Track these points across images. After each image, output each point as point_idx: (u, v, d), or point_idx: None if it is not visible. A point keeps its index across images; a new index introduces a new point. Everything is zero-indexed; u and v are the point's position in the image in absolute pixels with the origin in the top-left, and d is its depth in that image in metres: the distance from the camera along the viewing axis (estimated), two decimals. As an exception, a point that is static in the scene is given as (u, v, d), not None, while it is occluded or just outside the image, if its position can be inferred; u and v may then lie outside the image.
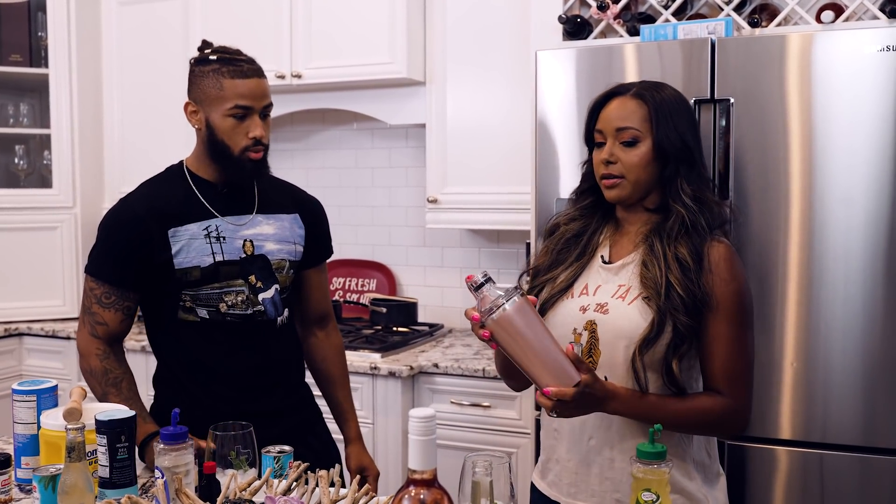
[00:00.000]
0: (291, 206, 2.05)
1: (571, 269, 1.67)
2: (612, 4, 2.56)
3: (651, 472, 1.27)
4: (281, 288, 1.97)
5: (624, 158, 1.59)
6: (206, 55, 1.89)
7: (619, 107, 1.61)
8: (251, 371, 1.93)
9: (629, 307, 1.58)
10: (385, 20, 3.14)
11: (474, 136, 3.13)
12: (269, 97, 1.92)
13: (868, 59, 2.11)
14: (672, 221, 1.58)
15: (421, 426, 1.00)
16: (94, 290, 1.89)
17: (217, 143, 1.86)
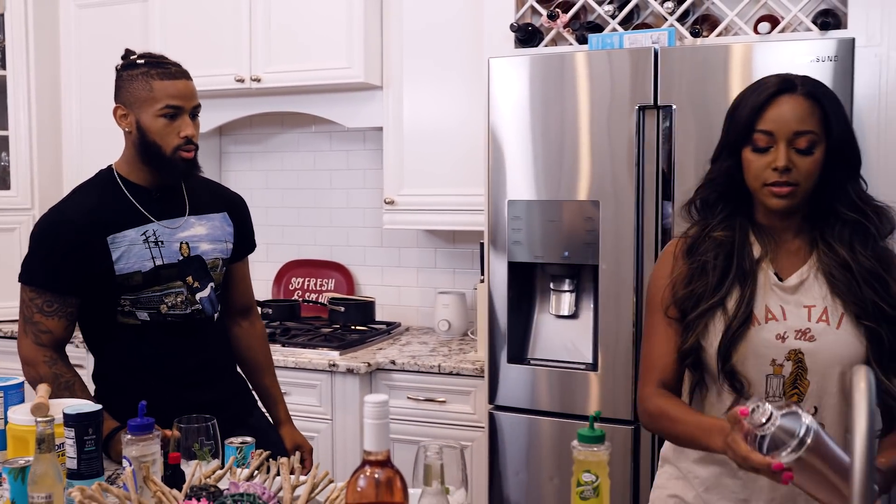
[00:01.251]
0: (219, 204, 2.10)
1: (738, 290, 1.50)
2: (561, 14, 2.66)
3: (591, 454, 1.37)
4: (216, 285, 2.05)
5: (801, 165, 1.44)
6: (133, 60, 1.94)
7: (794, 107, 1.45)
8: (192, 367, 2.00)
9: (839, 331, 1.47)
10: (343, 26, 3.21)
11: (430, 140, 3.22)
12: (197, 98, 1.97)
13: (803, 69, 2.21)
14: (841, 229, 1.49)
15: (375, 410, 1.08)
16: (35, 300, 1.89)
17: (149, 144, 1.90)
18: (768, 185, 1.46)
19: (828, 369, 1.47)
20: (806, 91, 1.46)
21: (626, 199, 2.38)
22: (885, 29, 2.35)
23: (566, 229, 2.46)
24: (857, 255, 1.47)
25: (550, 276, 2.59)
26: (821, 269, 1.49)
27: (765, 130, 1.45)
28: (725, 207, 1.55)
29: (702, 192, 1.58)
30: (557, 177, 2.46)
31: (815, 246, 1.51)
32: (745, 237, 1.53)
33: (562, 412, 2.50)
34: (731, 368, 1.48)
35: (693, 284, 1.53)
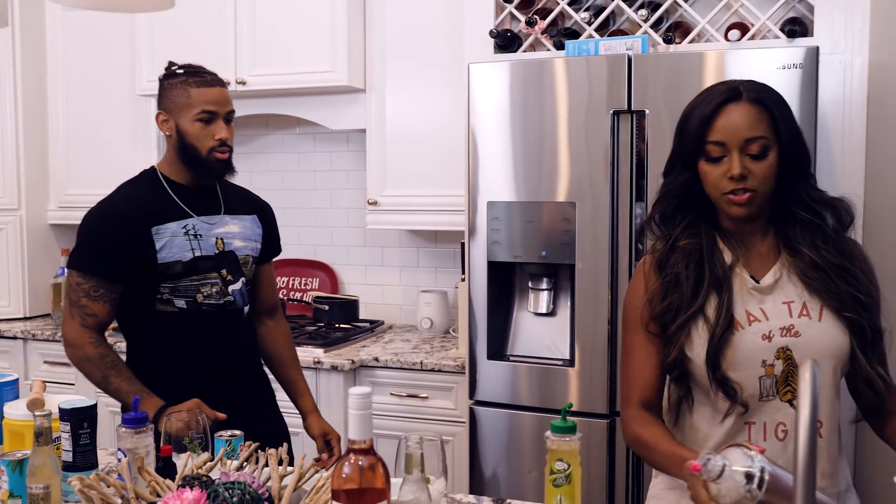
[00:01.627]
0: (250, 207, 2.29)
1: (715, 297, 1.52)
2: (539, 20, 2.75)
3: (564, 444, 1.45)
4: (246, 280, 2.20)
5: (756, 171, 1.46)
6: (173, 70, 2.13)
7: (742, 115, 1.47)
8: (222, 356, 2.15)
9: (822, 324, 1.49)
10: (326, 30, 3.28)
11: (412, 142, 3.29)
12: (232, 104, 2.16)
13: (770, 76, 2.31)
14: (801, 229, 1.52)
15: (358, 402, 1.16)
16: (82, 285, 2.03)
17: (187, 146, 2.08)
18: (726, 193, 1.48)
19: (819, 363, 1.49)
20: (752, 97, 1.48)
21: (601, 201, 2.47)
22: (849, 37, 2.44)
23: (544, 230, 2.54)
24: (821, 252, 1.50)
25: (529, 275, 2.67)
26: (793, 269, 1.52)
27: (716, 141, 1.48)
28: (685, 217, 1.56)
29: (659, 205, 1.59)
30: (535, 179, 2.54)
31: (782, 247, 1.55)
32: (712, 244, 1.55)
33: (540, 407, 2.58)
34: (721, 376, 1.49)
35: (669, 297, 1.53)
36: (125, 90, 3.72)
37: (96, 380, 2.04)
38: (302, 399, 2.35)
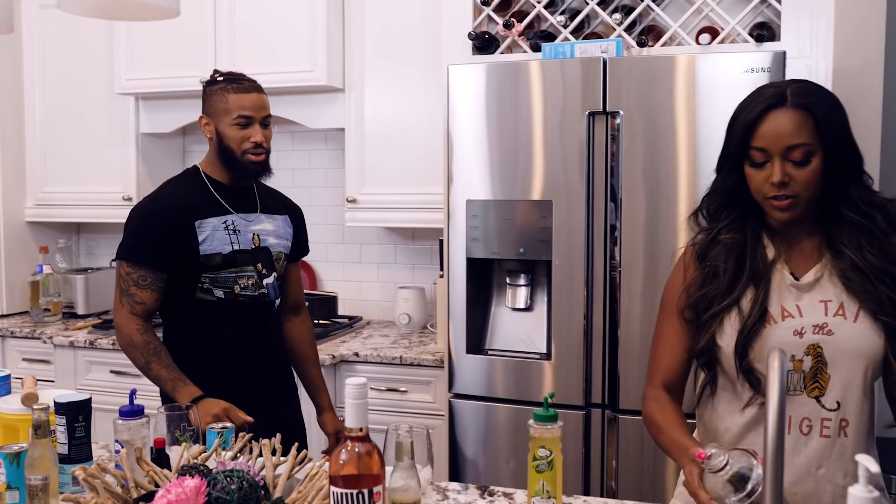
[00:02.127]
0: (283, 208, 2.45)
1: (752, 290, 1.55)
2: (516, 23, 2.81)
3: (546, 431, 1.52)
4: (278, 276, 2.35)
5: (798, 177, 1.48)
6: (214, 78, 2.30)
7: (785, 122, 1.47)
8: (256, 344, 2.30)
9: (856, 325, 1.51)
10: (306, 30, 3.32)
11: (391, 141, 3.35)
12: (269, 109, 2.30)
13: (739, 79, 2.40)
14: (849, 230, 1.52)
15: (355, 392, 1.22)
16: (132, 275, 2.19)
17: (225, 148, 2.24)
18: (768, 198, 1.50)
19: (849, 363, 1.50)
20: (796, 103, 1.47)
21: (577, 199, 2.54)
22: (815, 42, 2.54)
23: (521, 227, 2.62)
24: (866, 254, 1.50)
25: (507, 271, 2.74)
26: (834, 270, 1.53)
27: (759, 147, 1.49)
28: (731, 213, 1.59)
29: (708, 200, 1.63)
30: (513, 177, 2.62)
31: (826, 247, 1.55)
32: (757, 239, 1.58)
33: (518, 399, 2.65)
34: (748, 366, 1.53)
35: (705, 288, 1.58)
36: (103, 88, 3.74)
37: (140, 364, 2.19)
38: (320, 396, 2.50)
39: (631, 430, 2.53)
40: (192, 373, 2.16)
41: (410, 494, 1.42)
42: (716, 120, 2.42)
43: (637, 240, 2.50)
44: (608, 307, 2.55)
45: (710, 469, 1.31)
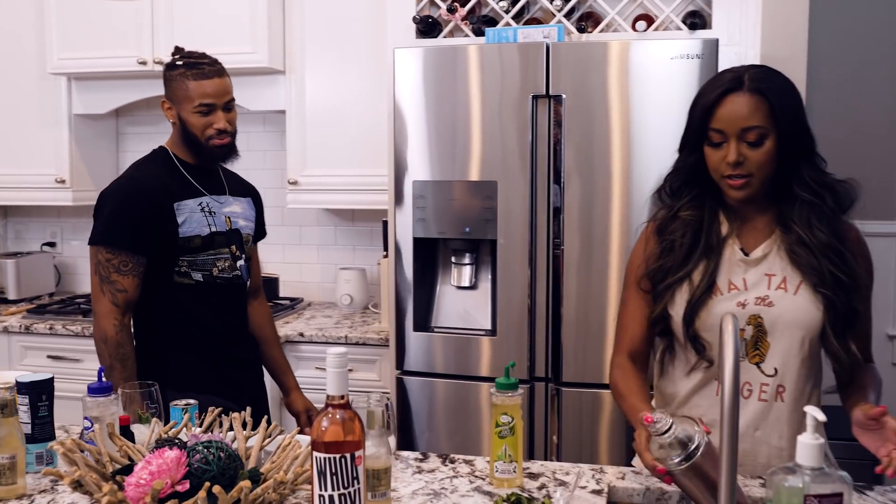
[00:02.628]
0: (246, 191, 2.45)
1: (704, 264, 1.65)
2: (459, 8, 2.87)
3: (508, 399, 1.59)
4: (247, 257, 2.37)
5: (752, 157, 1.56)
6: (174, 61, 2.24)
7: (741, 105, 1.56)
8: (232, 326, 2.33)
9: (796, 297, 1.60)
10: (247, 11, 3.31)
11: (332, 122, 3.37)
12: (231, 92, 2.26)
13: (671, 64, 2.52)
14: (799, 207, 1.60)
15: (336, 360, 1.26)
16: (112, 260, 2.13)
17: (188, 134, 2.22)
18: (724, 177, 1.59)
19: (787, 332, 1.61)
20: (752, 87, 1.56)
21: (521, 180, 2.62)
22: (744, 30, 2.67)
23: (466, 207, 2.69)
24: (814, 230, 1.58)
25: (452, 251, 2.81)
26: (783, 245, 1.62)
27: (716, 129, 1.58)
28: (692, 191, 1.68)
29: (670, 179, 1.71)
30: (458, 159, 2.68)
31: (777, 224, 1.64)
32: (713, 216, 1.67)
33: (464, 374, 2.73)
34: (693, 333, 1.63)
35: (662, 260, 1.68)
36: (33, 68, 3.65)
37: (103, 363, 2.13)
38: (285, 377, 2.50)
39: (573, 402, 2.64)
40: (174, 357, 2.19)
41: (382, 461, 1.47)
42: (649, 104, 2.53)
43: (578, 219, 2.59)
44: (551, 284, 2.64)
45: (654, 433, 1.39)
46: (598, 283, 2.60)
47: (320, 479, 1.25)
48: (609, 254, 2.59)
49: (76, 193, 3.72)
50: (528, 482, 1.63)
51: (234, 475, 1.37)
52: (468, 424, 2.75)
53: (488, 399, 2.65)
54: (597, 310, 2.60)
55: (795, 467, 1.14)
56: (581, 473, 1.66)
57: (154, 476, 1.29)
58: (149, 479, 1.28)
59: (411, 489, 1.60)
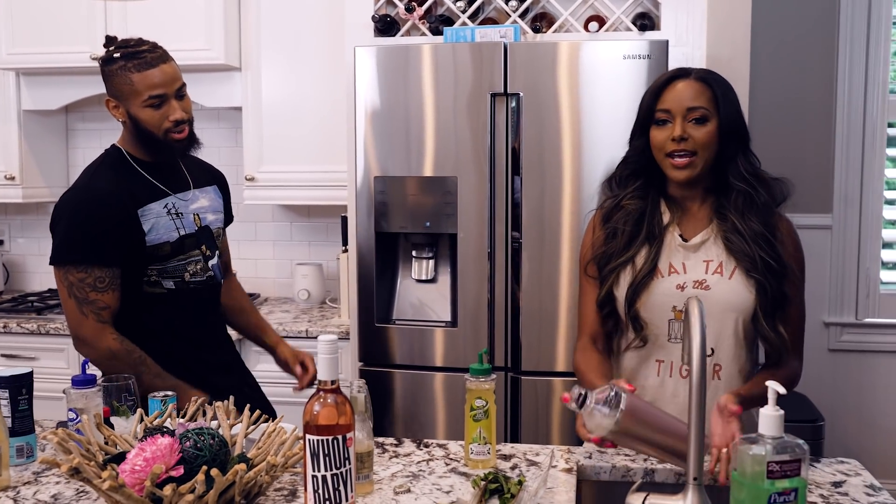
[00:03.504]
0: (210, 178, 2.28)
1: (646, 249, 1.76)
2: (417, 7, 2.94)
3: (482, 384, 1.67)
4: (220, 253, 2.24)
5: (695, 135, 1.68)
6: (110, 53, 2.00)
7: (687, 88, 1.70)
8: (207, 329, 2.21)
9: (731, 281, 1.71)
10: (202, 7, 3.32)
11: (289, 119, 3.41)
12: (180, 77, 2.04)
13: (621, 64, 2.62)
14: (735, 198, 1.71)
15: (327, 347, 1.33)
16: (86, 280, 1.94)
17: (143, 131, 2.01)
18: (669, 154, 1.71)
19: (722, 314, 1.72)
20: (698, 76, 1.72)
21: (480, 175, 2.70)
22: (691, 31, 2.79)
23: (427, 202, 2.75)
24: (748, 220, 1.70)
25: (412, 245, 2.87)
26: (719, 233, 1.74)
27: (663, 109, 1.71)
28: (637, 181, 1.79)
29: (619, 169, 1.83)
30: (419, 155, 2.75)
31: (715, 214, 1.76)
32: (655, 206, 1.79)
33: (426, 365, 2.80)
34: (634, 314, 1.75)
35: (606, 245, 1.80)
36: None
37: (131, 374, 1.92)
38: (266, 335, 2.42)
39: (531, 390, 2.73)
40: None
41: (364, 445, 1.54)
42: (601, 102, 2.64)
43: (536, 213, 2.69)
44: (509, 277, 2.73)
45: (574, 408, 1.43)
46: (552, 274, 2.69)
47: (313, 461, 1.30)
48: (561, 246, 2.68)
49: (26, 190, 3.69)
50: (501, 463, 1.71)
51: (224, 460, 1.42)
52: (428, 414, 2.82)
53: (448, 390, 2.75)
54: (551, 300, 2.70)
55: (758, 437, 1.24)
56: (553, 454, 1.74)
57: (149, 462, 1.33)
58: (144, 466, 1.33)
59: (390, 472, 1.66)
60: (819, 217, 3.61)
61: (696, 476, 1.27)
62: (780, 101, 3.59)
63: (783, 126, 3.60)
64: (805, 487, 1.25)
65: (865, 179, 3.59)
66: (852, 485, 1.61)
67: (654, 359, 1.80)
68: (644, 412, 1.45)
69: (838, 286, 3.62)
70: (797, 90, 3.60)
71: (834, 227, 3.61)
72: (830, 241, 3.61)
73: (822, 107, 3.60)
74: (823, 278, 3.62)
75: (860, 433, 3.62)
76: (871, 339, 3.62)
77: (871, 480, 1.64)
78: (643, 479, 1.68)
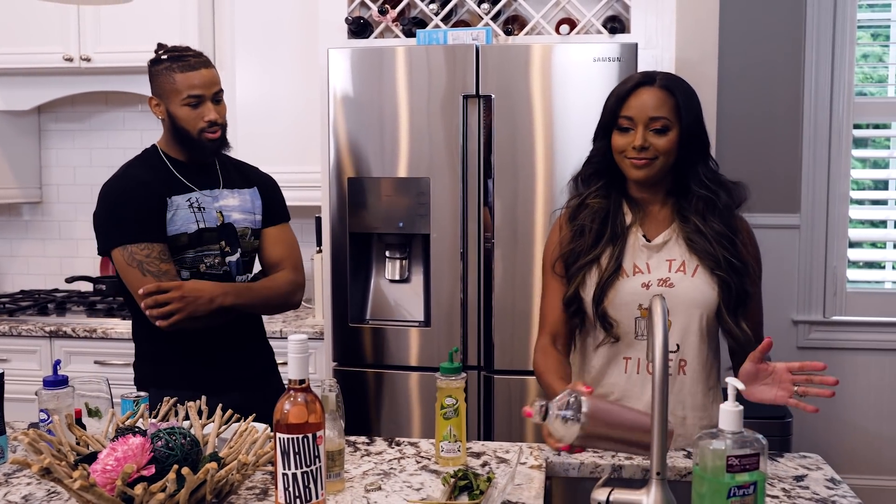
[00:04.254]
0: (250, 182, 2.37)
1: (610, 249, 1.79)
2: (390, 9, 2.96)
3: (452, 382, 1.70)
4: (244, 252, 2.29)
5: (656, 144, 1.72)
6: (158, 56, 2.20)
7: (650, 97, 1.72)
8: (227, 324, 2.20)
9: (694, 279, 1.76)
10: (176, 7, 3.32)
11: (263, 120, 3.41)
12: (219, 83, 2.22)
13: (592, 67, 2.66)
14: (696, 202, 1.76)
15: (297, 346, 1.35)
16: (152, 254, 2.09)
17: (179, 129, 2.17)
18: (629, 157, 1.74)
19: (686, 311, 1.76)
20: (662, 84, 1.74)
21: (452, 176, 2.73)
22: (660, 34, 2.83)
23: (400, 203, 2.78)
24: (709, 221, 1.76)
25: (385, 245, 2.89)
26: (681, 234, 1.79)
27: (627, 116, 1.74)
28: (601, 180, 1.83)
29: (583, 168, 1.86)
30: (392, 157, 2.77)
31: (676, 216, 1.81)
32: (618, 206, 1.82)
33: (399, 365, 2.82)
34: (602, 312, 1.78)
35: (573, 243, 1.83)
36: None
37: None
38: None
39: (504, 389, 2.76)
40: (168, 359, 2.17)
41: (335, 443, 1.56)
42: (571, 104, 2.67)
43: (508, 214, 2.72)
44: (482, 276, 2.76)
45: (538, 421, 1.44)
46: (524, 274, 2.72)
47: (283, 459, 1.32)
48: (533, 246, 2.71)
49: (-2, 191, 3.67)
50: (472, 460, 1.74)
51: (196, 459, 1.44)
52: (403, 414, 2.84)
53: (422, 389, 2.77)
54: (523, 300, 2.73)
55: (718, 432, 1.27)
56: (521, 450, 1.77)
57: (120, 462, 1.34)
58: (115, 465, 1.34)
59: (361, 470, 1.69)
60: (787, 217, 3.67)
61: (660, 471, 1.30)
62: (749, 103, 3.65)
63: (751, 127, 3.65)
64: (764, 480, 1.29)
65: (832, 179, 3.65)
66: (813, 479, 1.65)
67: (621, 356, 1.83)
68: (607, 412, 1.46)
69: (806, 285, 3.68)
70: (765, 92, 3.65)
71: (802, 226, 3.67)
72: (798, 241, 3.67)
73: (790, 108, 3.66)
74: (791, 277, 3.68)
75: (828, 429, 3.69)
76: (838, 336, 3.69)
77: (831, 474, 1.68)
78: (610, 475, 1.71)
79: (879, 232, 3.79)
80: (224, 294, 2.13)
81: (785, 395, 1.61)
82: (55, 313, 3.46)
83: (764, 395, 1.64)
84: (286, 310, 2.39)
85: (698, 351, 1.80)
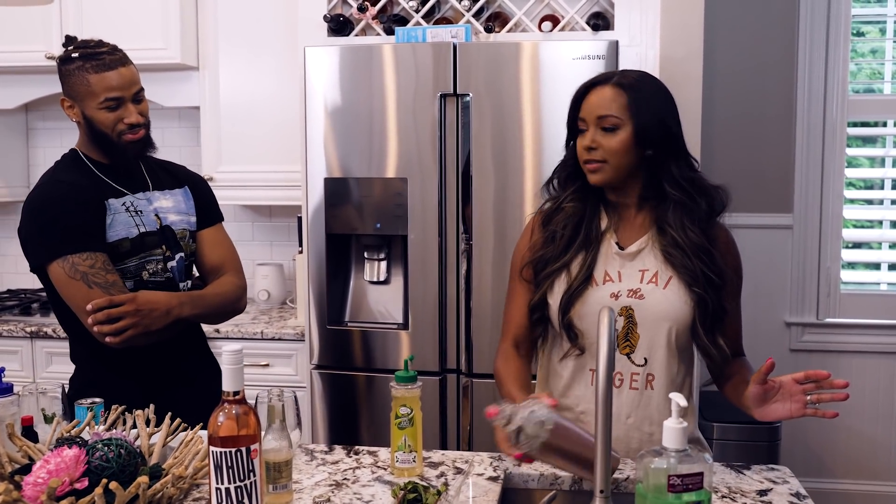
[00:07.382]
0: (179, 181, 2.21)
1: (582, 255, 1.73)
2: (370, 7, 2.91)
3: (407, 391, 1.65)
4: (185, 255, 2.13)
5: (605, 144, 1.66)
6: (68, 53, 1.98)
7: (599, 96, 1.67)
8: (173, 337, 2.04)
9: (666, 291, 1.69)
10: (158, 7, 3.29)
11: (247, 119, 3.38)
12: (138, 81, 2.03)
13: (574, 64, 2.60)
14: (673, 209, 1.68)
15: (232, 357, 1.31)
16: (96, 264, 1.92)
17: (97, 133, 2.00)
18: (585, 163, 1.69)
19: (655, 324, 1.69)
20: (616, 82, 1.68)
21: (430, 177, 2.69)
22: (644, 32, 2.78)
23: (378, 204, 2.74)
24: (688, 232, 1.67)
25: (364, 247, 2.86)
26: (657, 244, 1.71)
27: (581, 118, 1.70)
28: (575, 183, 1.76)
29: (557, 172, 1.80)
30: (370, 156, 2.73)
31: (653, 224, 1.73)
32: (595, 210, 1.75)
33: (378, 368, 2.79)
34: (568, 322, 1.71)
35: (544, 249, 1.76)
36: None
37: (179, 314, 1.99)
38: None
39: (484, 392, 2.71)
40: (110, 382, 1.97)
41: (283, 454, 1.52)
42: (555, 101, 2.62)
43: (487, 214, 2.67)
44: (461, 278, 2.71)
45: (500, 424, 1.42)
46: (504, 276, 2.59)
47: (217, 473, 1.29)
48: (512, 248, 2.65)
49: (-16, 190, 3.66)
50: (429, 471, 1.70)
51: (134, 472, 1.40)
52: (382, 417, 2.80)
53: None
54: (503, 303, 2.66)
55: (662, 450, 1.23)
56: (478, 462, 1.73)
57: (52, 475, 1.31)
58: (46, 478, 1.30)
59: (314, 480, 1.65)
60: (780, 217, 3.60)
61: (603, 489, 1.26)
62: (741, 101, 3.58)
63: (744, 126, 3.59)
64: (710, 499, 1.24)
65: (826, 179, 3.58)
66: (777, 493, 1.60)
67: (587, 368, 1.77)
68: (566, 428, 1.44)
69: (799, 286, 3.62)
70: (758, 90, 3.58)
71: (795, 226, 3.60)
72: (791, 241, 3.61)
73: (783, 106, 3.59)
74: (784, 278, 3.62)
75: (821, 433, 3.63)
76: (832, 338, 3.62)
77: (797, 489, 1.63)
78: (571, 488, 1.67)
79: (874, 232, 3.72)
80: (180, 304, 1.99)
81: (800, 408, 1.54)
82: (39, 313, 3.44)
83: (779, 413, 1.57)
84: (233, 316, 2.22)
85: (667, 365, 1.73)
